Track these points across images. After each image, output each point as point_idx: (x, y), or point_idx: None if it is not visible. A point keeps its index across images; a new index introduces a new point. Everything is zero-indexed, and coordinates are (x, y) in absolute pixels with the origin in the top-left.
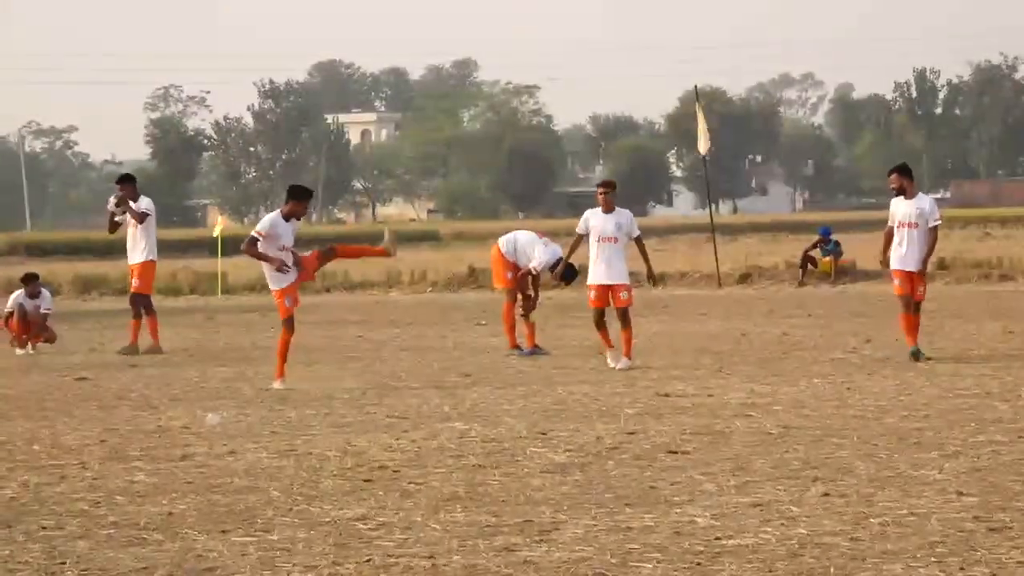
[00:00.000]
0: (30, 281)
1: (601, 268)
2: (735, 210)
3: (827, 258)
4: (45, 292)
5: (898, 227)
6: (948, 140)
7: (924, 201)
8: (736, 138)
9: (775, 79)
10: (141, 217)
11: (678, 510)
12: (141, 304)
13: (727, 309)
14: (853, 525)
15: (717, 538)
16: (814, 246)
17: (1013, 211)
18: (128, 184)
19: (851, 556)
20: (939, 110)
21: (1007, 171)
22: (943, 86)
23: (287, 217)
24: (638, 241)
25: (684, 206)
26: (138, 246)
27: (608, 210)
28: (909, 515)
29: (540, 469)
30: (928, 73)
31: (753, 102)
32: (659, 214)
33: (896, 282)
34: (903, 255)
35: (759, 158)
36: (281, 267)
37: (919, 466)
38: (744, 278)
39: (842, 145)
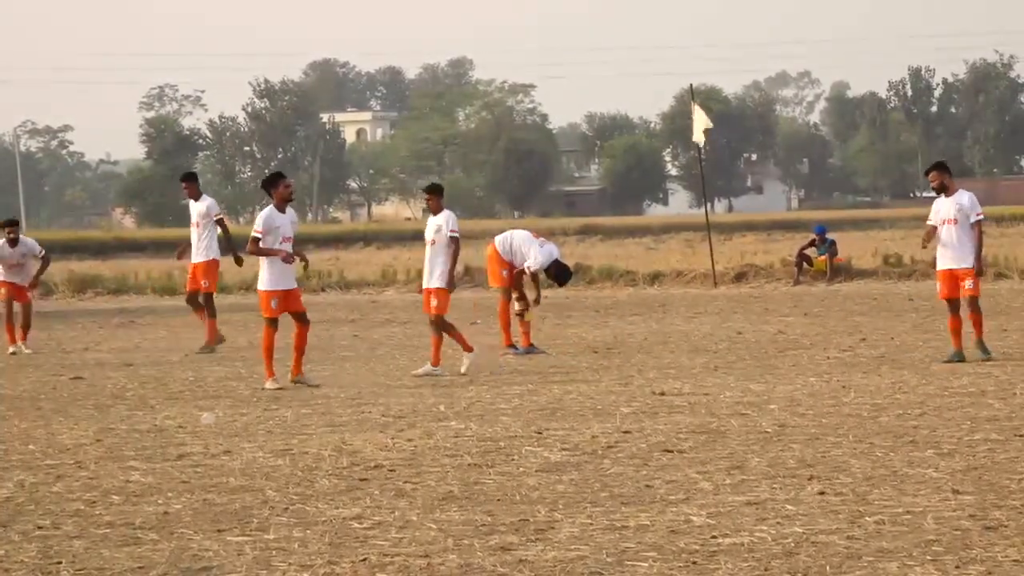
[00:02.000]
0: (8, 226)
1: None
2: (730, 209)
3: (822, 257)
4: (26, 240)
5: (940, 225)
6: (943, 139)
7: (964, 197)
8: (732, 137)
9: (771, 77)
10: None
11: (674, 509)
12: (206, 303)
13: (722, 308)
14: (849, 523)
15: (713, 537)
16: (809, 245)
17: (1009, 209)
18: (191, 182)
19: (847, 555)
20: (934, 108)
21: (1003, 169)
22: (938, 84)
23: (280, 207)
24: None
25: (679, 205)
26: (201, 245)
27: (435, 212)
28: (905, 513)
29: (536, 468)
30: (923, 71)
31: (749, 100)
32: (655, 213)
33: (938, 285)
34: (944, 254)
35: (755, 156)
36: (287, 258)
37: (915, 464)
38: (739, 277)
39: (838, 143)
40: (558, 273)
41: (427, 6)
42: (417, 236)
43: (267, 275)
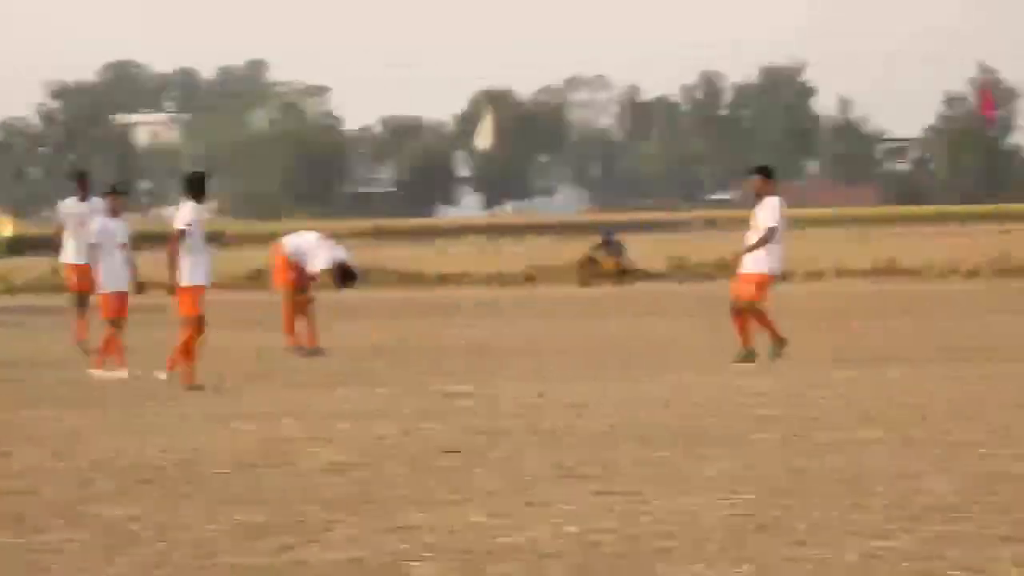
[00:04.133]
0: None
1: None
2: (520, 211)
3: (610, 259)
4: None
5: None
6: (733, 141)
7: (767, 204)
8: (524, 139)
9: (564, 81)
10: None
11: (453, 509)
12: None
13: (512, 309)
14: (624, 523)
15: (491, 537)
16: (597, 247)
17: (796, 211)
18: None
19: (622, 554)
20: (725, 112)
21: (791, 172)
22: (729, 88)
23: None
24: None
25: (470, 206)
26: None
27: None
28: (681, 512)
29: (318, 469)
30: (714, 76)
31: (541, 104)
32: (446, 214)
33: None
34: (747, 258)
35: (546, 159)
36: None
37: (692, 463)
38: (528, 278)
39: (630, 146)
40: (344, 275)
41: (223, 7)
42: (207, 238)
43: (187, 270)
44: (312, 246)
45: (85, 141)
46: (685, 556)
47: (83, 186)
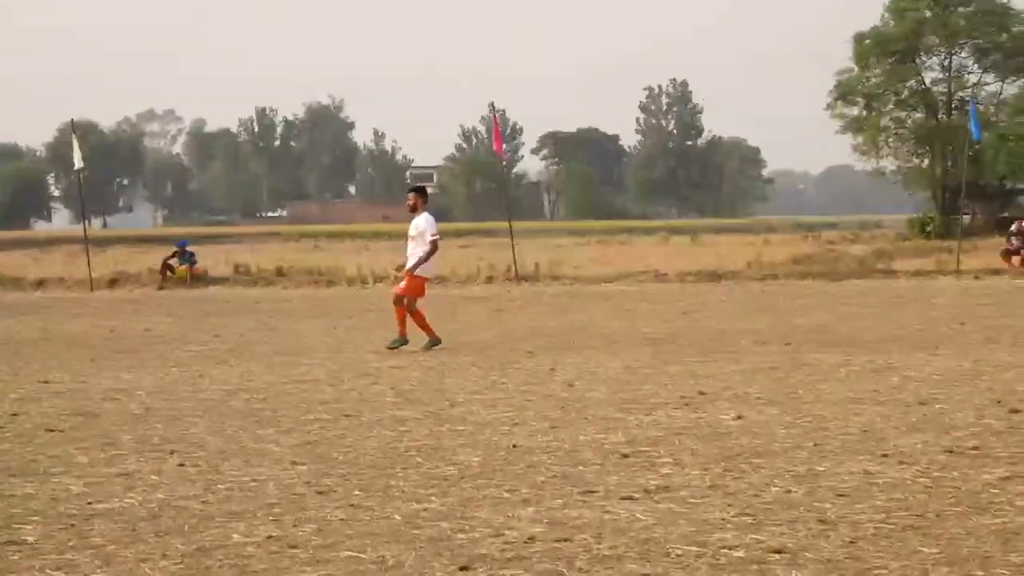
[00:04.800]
0: None
1: None
2: (105, 225)
3: (183, 266)
4: None
5: (409, 239)
6: (285, 167)
7: (422, 219)
8: (107, 164)
9: (141, 113)
10: None
11: (55, 480)
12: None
13: (98, 309)
14: (204, 490)
15: (89, 503)
16: (172, 256)
17: (339, 227)
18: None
19: (202, 516)
20: (277, 142)
21: (334, 193)
22: (281, 122)
23: None
24: None
25: (61, 221)
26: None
27: None
28: (251, 481)
29: None
30: (268, 111)
31: (120, 133)
32: (40, 228)
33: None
34: (406, 263)
35: (127, 181)
36: None
37: (260, 440)
38: (113, 283)
39: (197, 171)
40: None
41: None
42: None
43: None
44: None
45: None
46: (257, 518)
47: None
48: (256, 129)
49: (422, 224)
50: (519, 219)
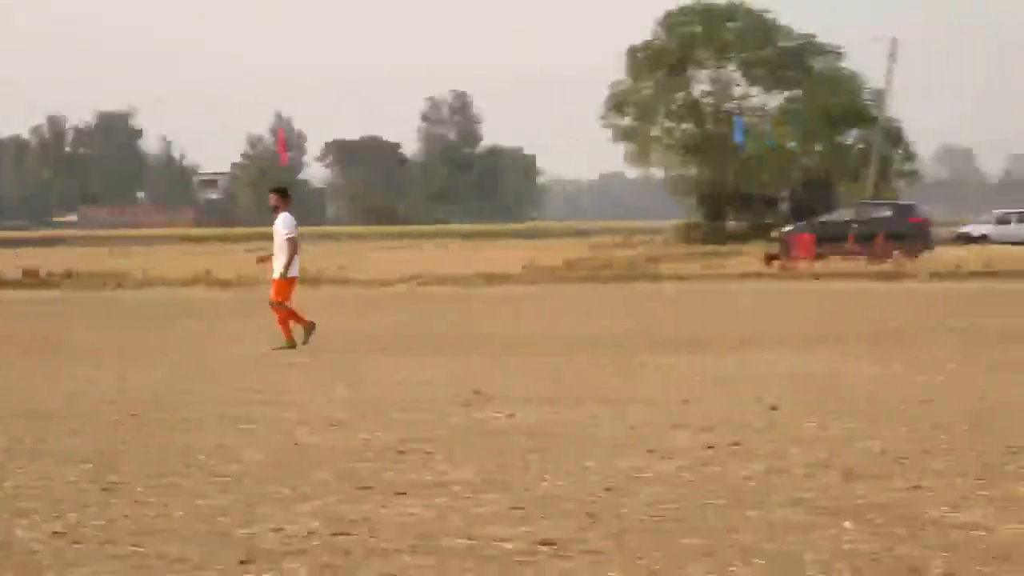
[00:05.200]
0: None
1: None
2: None
3: None
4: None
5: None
6: (75, 174)
7: (279, 219)
8: None
9: None
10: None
11: None
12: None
13: None
14: None
15: None
16: None
17: (130, 232)
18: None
19: None
20: (69, 149)
21: (124, 199)
22: (71, 129)
23: None
24: None
25: None
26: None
27: None
28: (38, 479)
29: None
30: (59, 118)
31: None
32: None
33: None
34: (273, 263)
35: None
36: None
37: (44, 440)
38: None
39: None
40: None
41: None
42: None
43: None
44: None
45: None
46: (43, 517)
47: None
48: (47, 136)
49: (278, 224)
50: (304, 224)
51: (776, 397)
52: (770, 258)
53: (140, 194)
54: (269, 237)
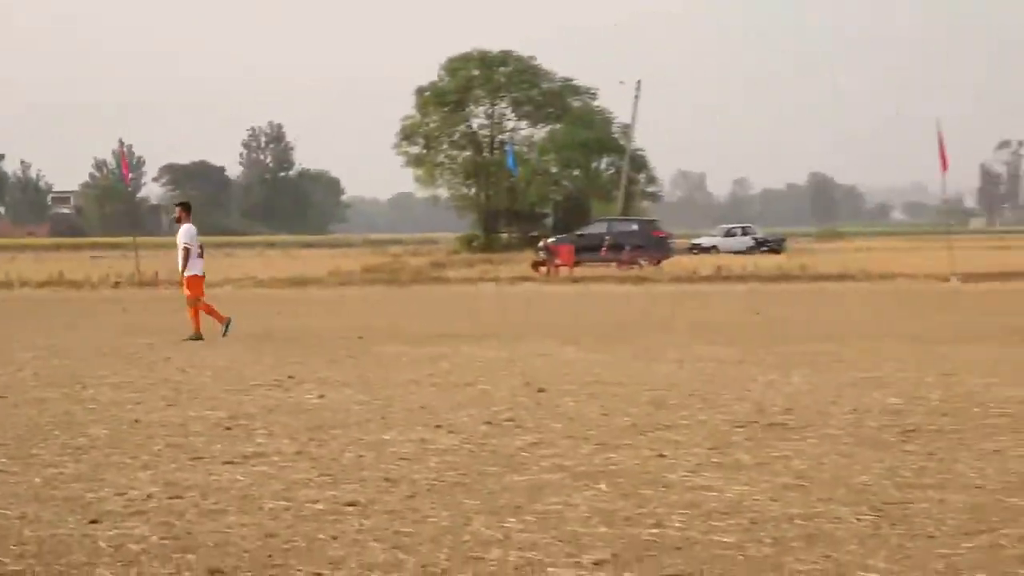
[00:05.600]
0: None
1: None
2: None
3: None
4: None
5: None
6: None
7: (181, 230)
8: None
9: None
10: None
11: None
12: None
13: None
14: None
15: None
16: None
17: None
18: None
19: None
20: None
21: None
22: None
23: None
24: None
25: None
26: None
27: None
28: None
29: None
30: None
31: None
32: None
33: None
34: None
35: None
36: None
37: None
38: None
39: None
40: None
41: None
42: None
43: None
44: None
45: None
46: None
47: None
48: None
49: (180, 234)
50: (143, 235)
51: (544, 381)
52: (537, 265)
53: (0, 209)
54: (111, 246)
